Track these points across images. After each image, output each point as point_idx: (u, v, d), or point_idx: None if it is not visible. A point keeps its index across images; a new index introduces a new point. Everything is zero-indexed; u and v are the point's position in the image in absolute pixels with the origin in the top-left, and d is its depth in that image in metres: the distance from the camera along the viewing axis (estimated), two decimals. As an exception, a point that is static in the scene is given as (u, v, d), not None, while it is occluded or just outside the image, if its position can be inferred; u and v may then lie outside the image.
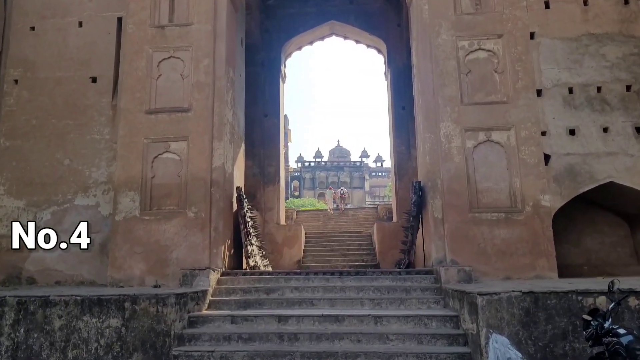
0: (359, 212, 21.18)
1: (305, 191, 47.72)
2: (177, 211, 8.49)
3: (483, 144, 8.48)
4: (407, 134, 15.15)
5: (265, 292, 7.66)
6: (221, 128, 8.74)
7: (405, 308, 7.15)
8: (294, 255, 14.54)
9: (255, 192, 14.88)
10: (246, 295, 7.62)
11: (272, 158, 15.25)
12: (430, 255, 8.49)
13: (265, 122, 15.45)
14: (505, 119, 8.51)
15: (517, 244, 8.08)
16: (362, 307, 7.21)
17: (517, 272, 7.97)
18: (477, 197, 8.32)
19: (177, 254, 8.31)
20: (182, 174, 8.60)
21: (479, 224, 8.18)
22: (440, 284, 7.48)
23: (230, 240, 8.98)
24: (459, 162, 8.41)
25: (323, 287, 7.69)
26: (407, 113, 15.22)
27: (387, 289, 7.58)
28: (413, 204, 8.69)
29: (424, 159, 8.74)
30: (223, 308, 7.31)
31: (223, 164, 8.63)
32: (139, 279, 8.25)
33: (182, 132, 8.72)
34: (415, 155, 14.88)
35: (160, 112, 8.82)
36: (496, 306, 5.33)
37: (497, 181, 8.36)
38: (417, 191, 8.69)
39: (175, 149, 8.71)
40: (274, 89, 15.83)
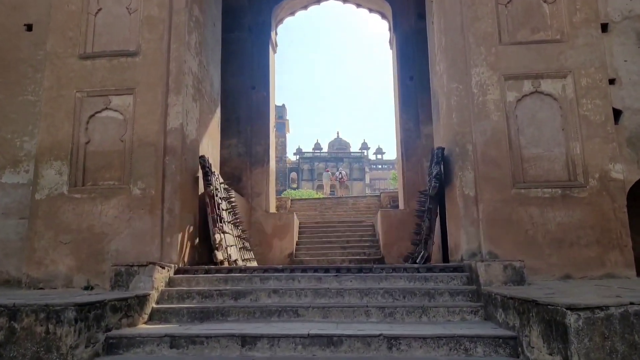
0: (360, 201, 18.90)
1: (304, 183, 45.38)
2: (119, 187, 6.20)
3: (529, 96, 6.18)
4: (416, 108, 12.88)
5: (233, 296, 5.39)
6: (180, 78, 6.44)
7: (429, 321, 4.88)
8: (285, 247, 12.28)
9: (240, 174, 12.61)
10: (205, 302, 5.34)
11: (260, 136, 12.96)
12: (457, 246, 6.21)
13: (253, 95, 13.15)
14: (559, 62, 6.20)
15: (578, 230, 5.79)
16: (368, 320, 4.94)
17: (580, 269, 5.69)
18: (523, 168, 6.03)
19: (117, 244, 6.03)
20: (127, 138, 6.30)
21: (526, 203, 5.90)
22: (477, 286, 5.20)
23: (194, 227, 6.69)
24: (498, 120, 6.11)
25: (313, 289, 5.41)
26: (416, 84, 13.01)
27: (401, 292, 5.30)
28: (434, 178, 6.37)
29: (449, 119, 6.44)
30: (170, 320, 5.04)
31: (182, 126, 6.33)
32: (65, 278, 5.98)
33: (127, 83, 6.42)
34: (426, 133, 12.64)
35: (98, 57, 6.51)
36: (603, 330, 3.05)
37: (550, 146, 6.06)
38: (439, 160, 6.37)
39: (117, 105, 6.41)
40: (263, 57, 13.52)
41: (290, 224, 12.45)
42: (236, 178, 12.52)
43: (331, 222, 14.90)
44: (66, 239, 6.03)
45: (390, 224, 12.20)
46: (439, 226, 7.67)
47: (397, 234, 11.99)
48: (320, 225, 14.33)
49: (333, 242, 12.88)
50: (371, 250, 12.40)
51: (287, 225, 12.44)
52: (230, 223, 8.20)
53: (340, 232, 13.52)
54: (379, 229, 12.59)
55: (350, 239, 13.02)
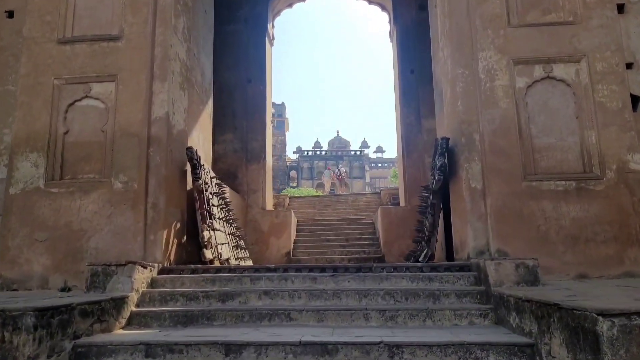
0: (360, 199, 18.42)
1: (303, 181, 44.90)
2: (99, 181, 5.75)
3: (540, 82, 5.72)
4: (417, 101, 12.43)
5: (220, 298, 4.92)
6: (166, 64, 5.97)
7: (434, 326, 4.43)
8: (282, 246, 11.83)
9: (236, 171, 12.16)
10: (190, 304, 4.88)
11: (256, 131, 12.49)
12: (463, 243, 5.75)
13: (249, 89, 12.69)
14: (572, 46, 5.73)
15: (594, 225, 5.33)
16: (367, 324, 4.49)
17: (597, 268, 5.23)
18: (534, 159, 5.57)
19: (97, 242, 5.58)
20: (108, 128, 5.84)
21: (538, 196, 5.44)
22: (486, 287, 4.74)
23: (181, 224, 6.23)
24: (507, 108, 5.65)
25: (308, 290, 4.95)
26: (417, 77, 12.57)
27: (404, 293, 4.84)
28: (438, 170, 5.90)
29: (454, 107, 5.97)
30: (151, 325, 4.58)
31: (167, 115, 5.87)
32: (40, 279, 5.52)
33: (108, 69, 5.96)
34: (428, 127, 12.17)
35: (78, 42, 6.05)
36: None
37: (563, 135, 5.60)
38: (444, 151, 5.89)
39: (98, 93, 5.95)
40: (260, 50, 13.06)
41: (288, 222, 12.00)
42: (232, 175, 12.07)
43: (330, 220, 14.44)
44: (42, 237, 5.57)
45: (391, 222, 11.76)
46: (442, 223, 7.23)
47: (397, 232, 11.55)
48: (318, 223, 13.88)
49: (332, 241, 12.43)
50: (371, 249, 11.95)
51: (284, 223, 11.99)
52: (222, 220, 7.74)
53: (340, 230, 13.07)
54: (379, 226, 12.14)
55: (350, 237, 12.57)
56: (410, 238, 11.56)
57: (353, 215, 15.16)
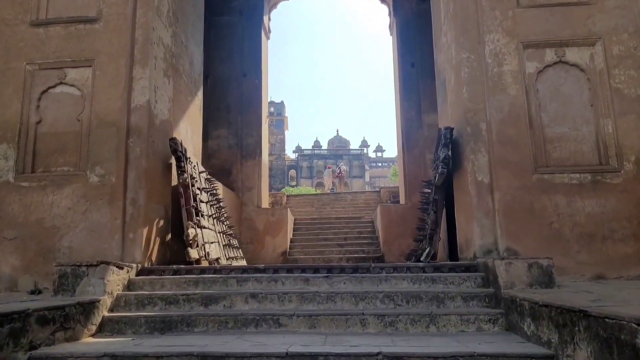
0: (359, 197, 17.96)
1: (303, 180, 44.42)
2: (74, 174, 5.29)
3: (552, 67, 5.27)
4: (418, 95, 11.99)
5: (203, 302, 4.46)
6: (147, 48, 5.51)
7: (438, 332, 3.97)
8: (278, 245, 11.37)
9: (230, 167, 11.71)
10: (169, 309, 4.42)
11: (251, 126, 12.03)
12: (469, 241, 5.29)
13: (244, 83, 12.23)
14: (586, 28, 5.28)
15: (612, 222, 4.88)
16: (364, 331, 4.03)
17: (615, 268, 4.78)
18: (545, 150, 5.11)
19: (71, 240, 5.12)
20: (84, 117, 5.39)
21: (550, 190, 4.98)
22: (495, 289, 4.29)
23: (165, 221, 5.77)
24: (516, 95, 5.19)
25: (299, 293, 4.49)
26: (417, 71, 12.14)
27: (405, 296, 4.38)
28: (442, 163, 5.43)
29: (459, 94, 5.51)
30: (125, 332, 4.12)
31: (148, 103, 5.41)
32: (8, 280, 5.06)
33: (85, 53, 5.51)
34: (429, 122, 11.73)
35: (53, 24, 5.59)
36: (696, 357, 2.13)
37: (576, 124, 5.15)
38: (448, 142, 5.42)
39: (74, 79, 5.49)
40: (255, 43, 12.59)
41: (284, 220, 11.54)
42: (226, 171, 11.62)
43: (328, 218, 13.99)
44: (11, 235, 5.11)
45: (391, 220, 11.31)
46: (445, 221, 6.79)
47: (398, 231, 11.11)
48: (316, 222, 13.43)
49: (330, 240, 11.98)
50: (370, 248, 11.50)
51: (280, 221, 11.54)
52: (213, 217, 7.28)
53: (338, 229, 12.62)
54: (379, 225, 11.69)
55: (348, 236, 12.11)
56: (411, 237, 11.11)
57: (352, 214, 14.71)
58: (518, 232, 4.86)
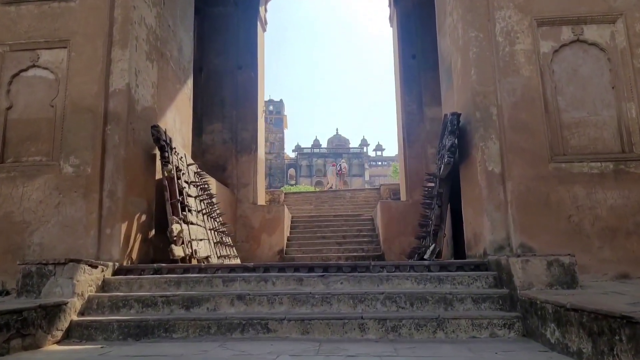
0: (358, 194, 17.48)
1: (302, 179, 43.93)
2: (46, 164, 4.82)
3: (569, 46, 4.80)
4: (419, 88, 11.52)
5: (184, 304, 4.00)
6: (127, 28, 5.04)
7: (447, 339, 3.51)
8: (274, 243, 10.90)
9: (225, 163, 11.23)
10: (146, 312, 3.96)
11: (247, 120, 11.56)
12: (478, 237, 4.82)
13: (239, 76, 11.76)
14: (606, 3, 4.81)
15: (636, 215, 4.41)
16: (364, 337, 3.57)
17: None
18: (562, 136, 4.64)
19: (42, 236, 4.65)
20: (58, 102, 4.92)
21: (568, 181, 4.51)
22: (509, 289, 3.82)
23: (147, 216, 5.30)
24: (530, 76, 4.72)
25: (291, 294, 4.02)
26: (419, 63, 11.67)
27: (408, 298, 3.91)
28: (448, 152, 4.94)
29: (466, 77, 5.03)
30: (95, 338, 3.66)
31: (128, 87, 4.94)
32: (-27, 281, 4.59)
33: (59, 33, 5.04)
34: (431, 116, 11.27)
35: (25, 2, 5.12)
36: None
37: (596, 108, 4.68)
38: (454, 129, 4.94)
39: (47, 61, 5.02)
40: (251, 35, 12.12)
41: (280, 218, 11.07)
42: (220, 167, 11.16)
43: (327, 216, 13.52)
44: (-24, 230, 4.64)
45: (391, 217, 10.84)
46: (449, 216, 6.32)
47: (398, 228, 10.64)
48: (314, 220, 12.95)
49: (328, 238, 11.51)
50: (370, 246, 11.04)
51: (277, 219, 11.06)
52: (203, 213, 6.82)
53: (336, 227, 12.15)
54: (379, 222, 11.22)
55: (347, 234, 11.65)
56: (413, 235, 10.65)
57: (351, 212, 14.25)
58: (533, 226, 4.39)
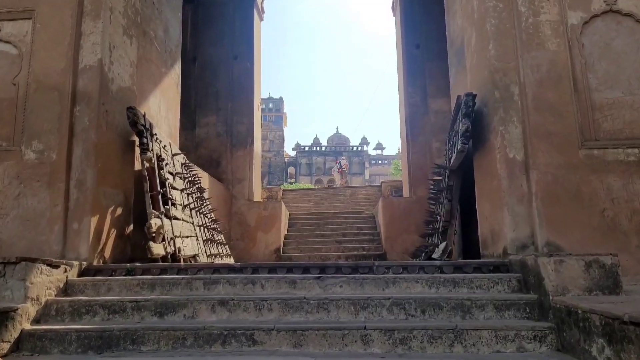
0: (359, 191, 16.89)
1: (302, 177, 43.33)
2: (6, 150, 4.23)
3: (601, 17, 4.20)
4: (423, 79, 10.93)
5: (158, 311, 3.41)
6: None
7: (466, 353, 2.92)
8: (270, 242, 10.32)
9: (219, 157, 10.65)
10: (113, 320, 3.37)
11: (242, 113, 10.97)
12: (496, 234, 4.22)
13: (235, 67, 11.17)
14: (643, -32, 4.20)
15: (681, 209, 3.81)
16: (367, 351, 2.98)
17: (687, 268, 3.70)
18: (594, 119, 4.04)
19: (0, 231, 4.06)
20: (21, 80, 4.32)
21: (601, 170, 3.92)
22: (538, 295, 3.22)
23: (124, 209, 4.71)
24: (557, 50, 4.12)
25: (283, 299, 3.43)
26: (423, 53, 11.09)
27: (419, 304, 3.32)
28: (462, 138, 4.33)
29: (483, 53, 4.43)
30: (49, 351, 3.07)
31: (101, 63, 4.34)
32: None
33: (24, 3, 4.44)
34: (435, 108, 10.69)
35: (-15, -32, 4.53)
36: None
37: (632, 87, 4.08)
38: (470, 111, 4.33)
39: (9, 34, 4.42)
40: (247, 23, 11.53)
41: (277, 215, 10.48)
42: (214, 162, 10.59)
43: (326, 213, 12.92)
44: None
45: (393, 215, 10.25)
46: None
47: (401, 226, 10.06)
48: (313, 217, 12.36)
49: (327, 236, 10.92)
50: (371, 245, 10.45)
51: (274, 216, 10.47)
52: (190, 208, 6.22)
53: (336, 225, 11.56)
54: (380, 220, 10.63)
55: (347, 232, 11.06)
56: (416, 233, 10.05)
57: (351, 209, 13.65)
58: (561, 221, 3.80)
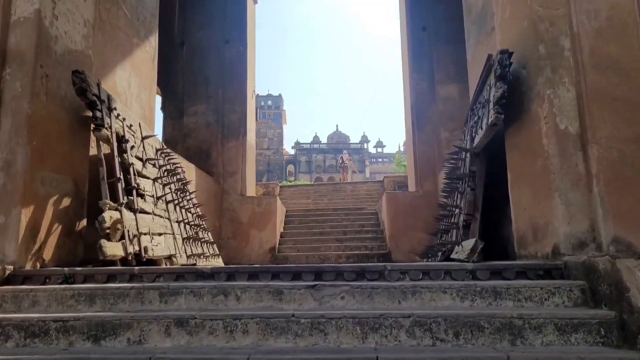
0: (360, 187, 15.94)
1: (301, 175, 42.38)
2: None
3: (674, -50, 3.24)
4: (430, 64, 10.01)
5: (92, 334, 2.47)
6: None
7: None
8: (265, 240, 9.38)
9: (209, 149, 9.73)
10: (31, 346, 2.43)
11: (235, 101, 10.05)
12: (540, 229, 3.27)
13: (226, 51, 10.24)
14: None
15: None
16: (382, 400, 2.03)
17: None
18: (669, 80, 3.09)
19: None
20: (-64, 35, 3.38)
21: (682, 144, 2.96)
22: (618, 312, 2.28)
23: (75, 201, 3.77)
24: (618, -8, 3.17)
25: (263, 318, 2.49)
26: (430, 36, 10.18)
27: (451, 323, 2.38)
28: (496, 106, 3.35)
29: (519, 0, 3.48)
30: None
31: (39, 16, 3.40)
32: None
33: (-59, -60, 3.50)
34: (444, 95, 9.78)
35: None
36: None
37: None
38: (504, 72, 3.35)
39: None
40: (239, 5, 10.63)
41: (272, 211, 9.54)
42: (204, 153, 9.67)
43: (325, 209, 11.98)
44: None
45: (398, 210, 9.33)
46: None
47: (407, 223, 9.14)
48: (311, 214, 11.43)
49: (326, 234, 9.99)
50: (374, 244, 9.52)
51: (268, 212, 9.54)
52: (166, 201, 5.28)
53: (336, 222, 10.63)
54: (384, 216, 9.70)
55: (348, 230, 10.13)
56: (424, 230, 9.11)
57: (352, 205, 12.71)
58: (632, 212, 2.85)
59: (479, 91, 4.08)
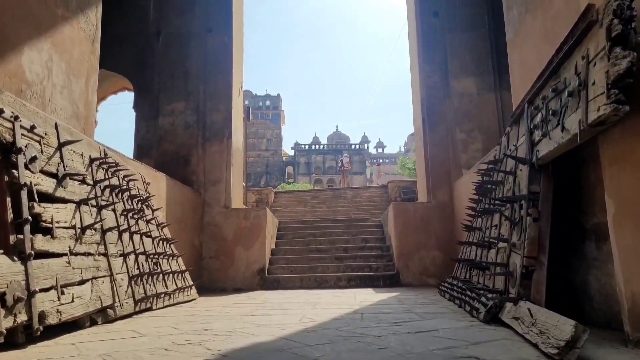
0: (362, 193, 14.41)
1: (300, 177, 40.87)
2: None
3: None
4: (444, 55, 8.60)
5: None
6: None
7: None
8: (252, 260, 7.90)
9: (188, 154, 8.27)
10: None
11: (218, 99, 8.57)
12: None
13: (209, 41, 8.77)
14: None
15: None
16: None
17: None
18: None
19: None
20: None
21: None
22: None
23: None
24: None
25: None
26: (442, 23, 8.78)
27: None
28: (615, 91, 1.88)
29: None
30: None
31: None
32: None
33: None
34: (459, 90, 8.36)
35: None
36: None
37: None
38: (628, 29, 1.88)
39: None
40: (224, -11, 9.11)
41: (261, 226, 8.07)
42: (182, 159, 8.21)
43: (324, 220, 10.50)
44: None
45: (408, 224, 7.89)
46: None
47: (418, 239, 7.71)
48: (308, 226, 9.94)
49: (325, 251, 8.53)
50: (380, 263, 8.06)
51: (257, 227, 8.06)
52: (103, 230, 3.80)
53: (336, 236, 9.16)
54: (391, 230, 8.23)
55: (349, 246, 8.65)
56: (437, 248, 7.65)
57: (354, 215, 11.22)
58: None
59: (550, 74, 2.60)
